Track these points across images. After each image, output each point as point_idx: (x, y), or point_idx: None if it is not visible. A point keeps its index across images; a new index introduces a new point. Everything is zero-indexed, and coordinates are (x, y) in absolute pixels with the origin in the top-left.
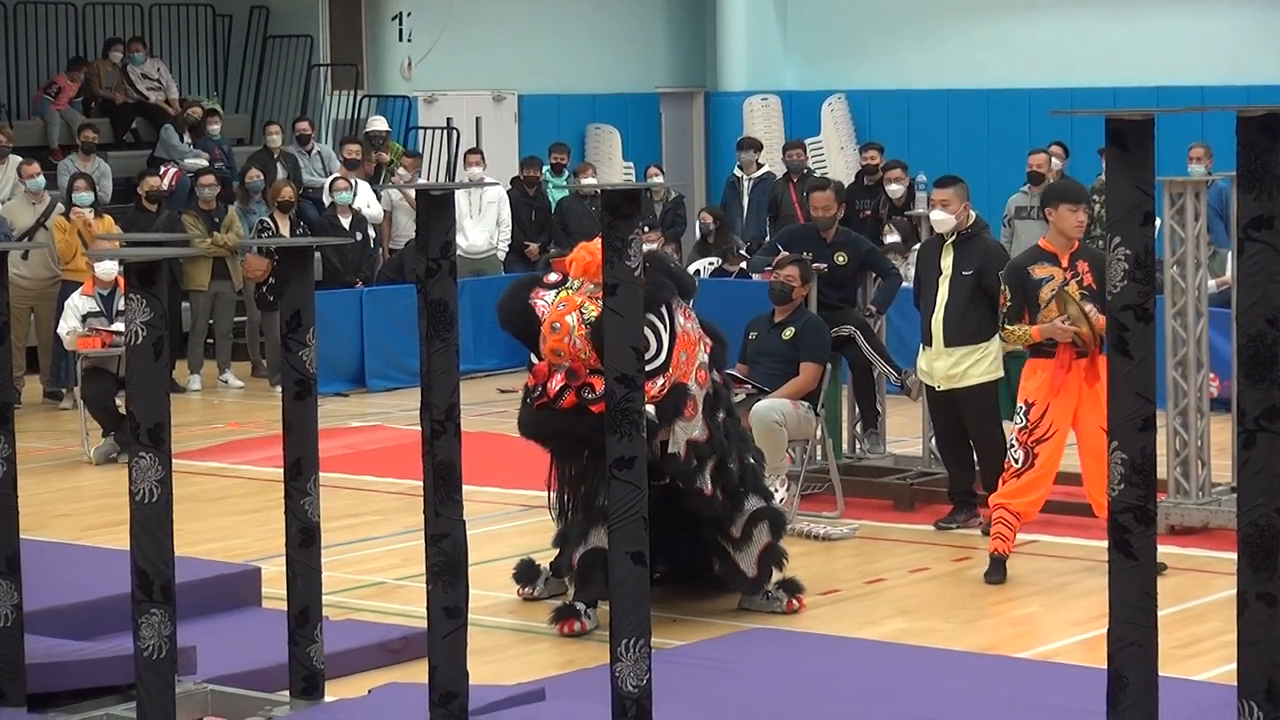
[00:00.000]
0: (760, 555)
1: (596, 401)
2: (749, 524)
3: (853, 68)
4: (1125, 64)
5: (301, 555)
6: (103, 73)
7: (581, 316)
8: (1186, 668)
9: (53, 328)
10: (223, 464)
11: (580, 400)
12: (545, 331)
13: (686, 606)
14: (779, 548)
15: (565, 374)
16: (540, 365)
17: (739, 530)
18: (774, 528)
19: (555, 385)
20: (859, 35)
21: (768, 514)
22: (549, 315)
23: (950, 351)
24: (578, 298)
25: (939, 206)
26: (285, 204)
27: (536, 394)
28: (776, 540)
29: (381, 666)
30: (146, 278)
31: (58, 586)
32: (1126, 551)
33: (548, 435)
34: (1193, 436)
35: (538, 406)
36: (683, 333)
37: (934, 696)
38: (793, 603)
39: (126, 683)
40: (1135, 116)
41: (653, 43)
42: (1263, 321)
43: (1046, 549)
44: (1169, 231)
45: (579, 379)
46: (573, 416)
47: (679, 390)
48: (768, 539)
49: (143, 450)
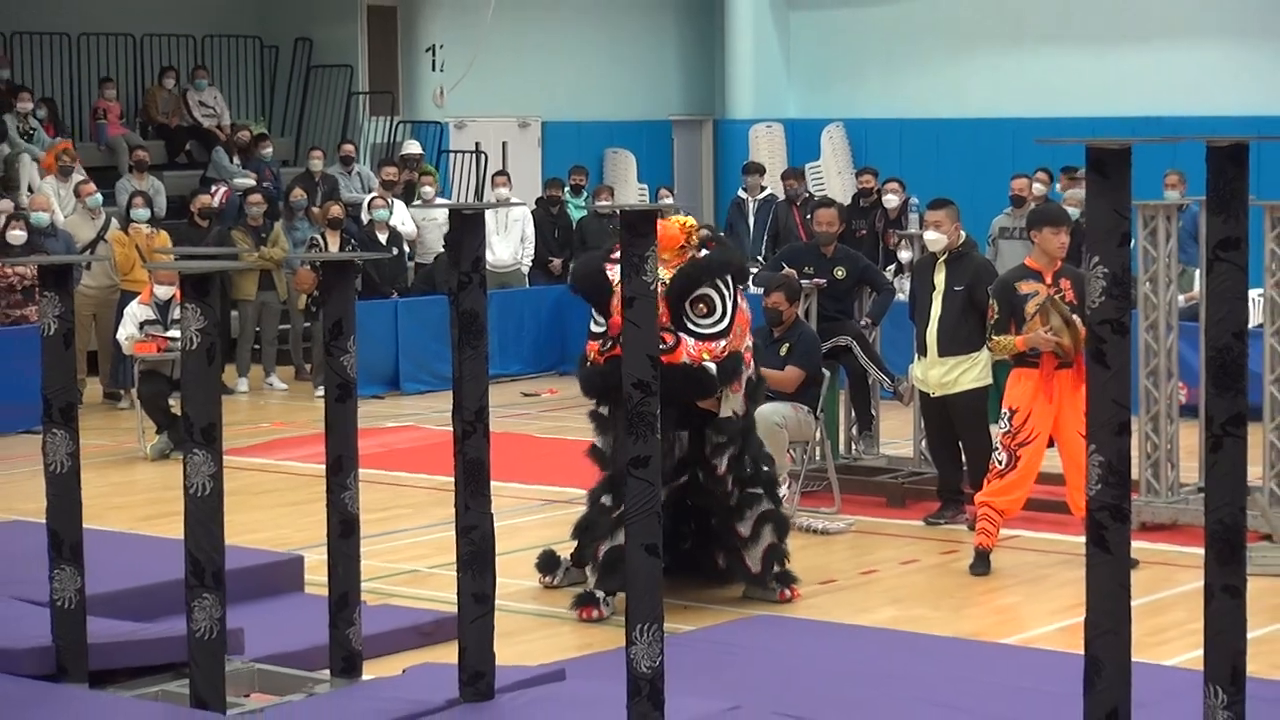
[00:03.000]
0: (764, 554)
1: (669, 352)
2: (757, 524)
3: (850, 98)
4: (1104, 96)
5: (341, 545)
6: (159, 98)
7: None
8: (1157, 654)
9: (112, 333)
10: (268, 460)
11: None
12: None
13: (695, 594)
14: (781, 548)
15: None
16: (615, 320)
17: (748, 530)
18: (778, 529)
19: None
20: (856, 68)
21: (774, 517)
22: None
23: (944, 361)
24: None
25: (932, 227)
26: (335, 221)
27: (608, 345)
28: (780, 541)
29: (415, 648)
30: (200, 289)
31: (116, 573)
32: (1103, 546)
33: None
34: (1163, 440)
35: (607, 359)
36: (741, 309)
37: (923, 679)
38: (785, 593)
39: (180, 661)
40: (1113, 146)
41: (665, 73)
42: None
43: (1028, 543)
44: (1142, 251)
45: None
46: None
47: (736, 357)
48: (772, 539)
49: (196, 447)
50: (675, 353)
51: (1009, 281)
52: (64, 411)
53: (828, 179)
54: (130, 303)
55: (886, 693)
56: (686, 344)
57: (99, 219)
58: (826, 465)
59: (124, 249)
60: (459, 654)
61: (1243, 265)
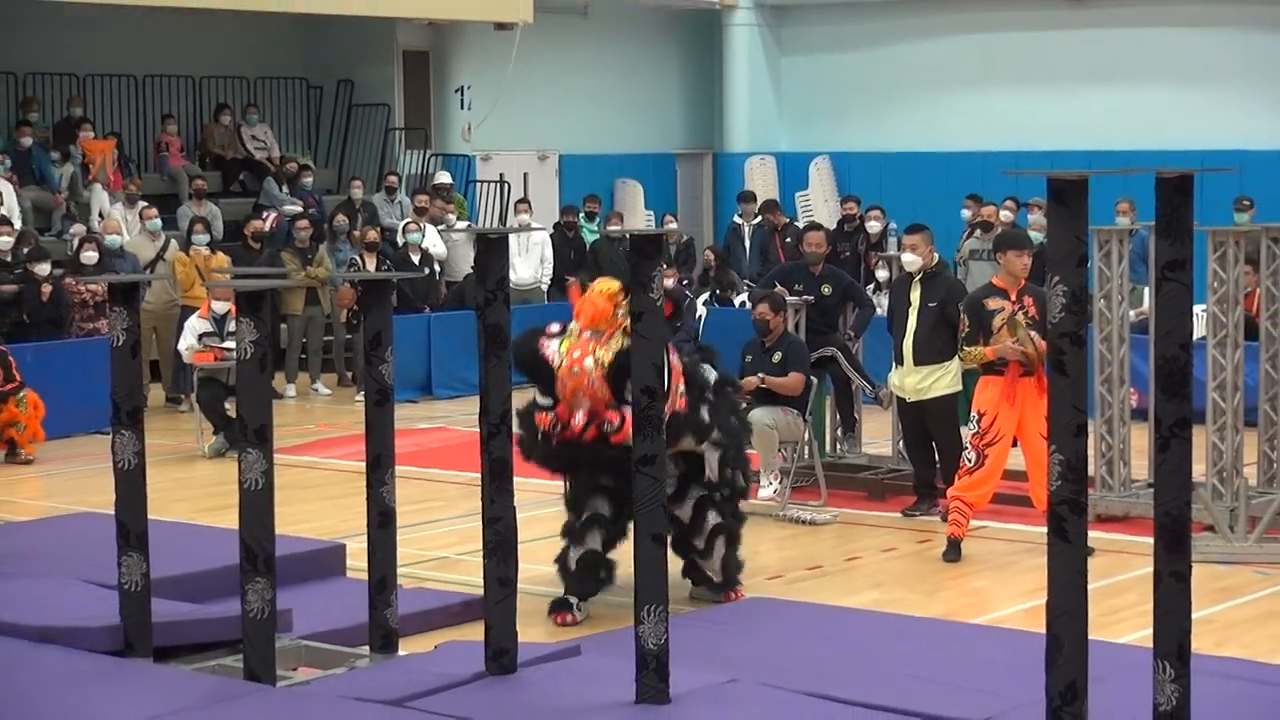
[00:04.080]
0: (723, 564)
1: (616, 432)
2: (710, 537)
3: (836, 133)
4: (1063, 132)
5: (380, 534)
6: (215, 133)
7: (596, 361)
8: (1111, 632)
9: (172, 344)
10: (314, 458)
11: (600, 433)
12: (565, 376)
13: None
14: (736, 557)
15: (586, 412)
16: (561, 409)
17: (702, 543)
18: (730, 540)
19: (579, 422)
20: (841, 107)
21: (724, 529)
22: (565, 362)
23: (918, 369)
24: (588, 345)
25: (908, 250)
26: (372, 244)
27: (559, 430)
28: (733, 550)
29: (445, 627)
30: (254, 304)
31: (177, 559)
32: (1062, 536)
33: (575, 466)
34: (1116, 441)
35: (559, 443)
36: (674, 367)
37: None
38: (730, 594)
39: (235, 638)
40: (1072, 177)
41: (669, 112)
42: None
43: (995, 533)
44: (1098, 272)
45: (599, 415)
46: (595, 447)
47: (677, 416)
48: (725, 550)
49: (250, 446)
50: (623, 431)
51: (978, 298)
52: (131, 414)
53: (815, 206)
54: (190, 317)
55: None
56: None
57: (159, 241)
58: (814, 463)
59: (185, 269)
60: (485, 632)
61: (1188, 284)
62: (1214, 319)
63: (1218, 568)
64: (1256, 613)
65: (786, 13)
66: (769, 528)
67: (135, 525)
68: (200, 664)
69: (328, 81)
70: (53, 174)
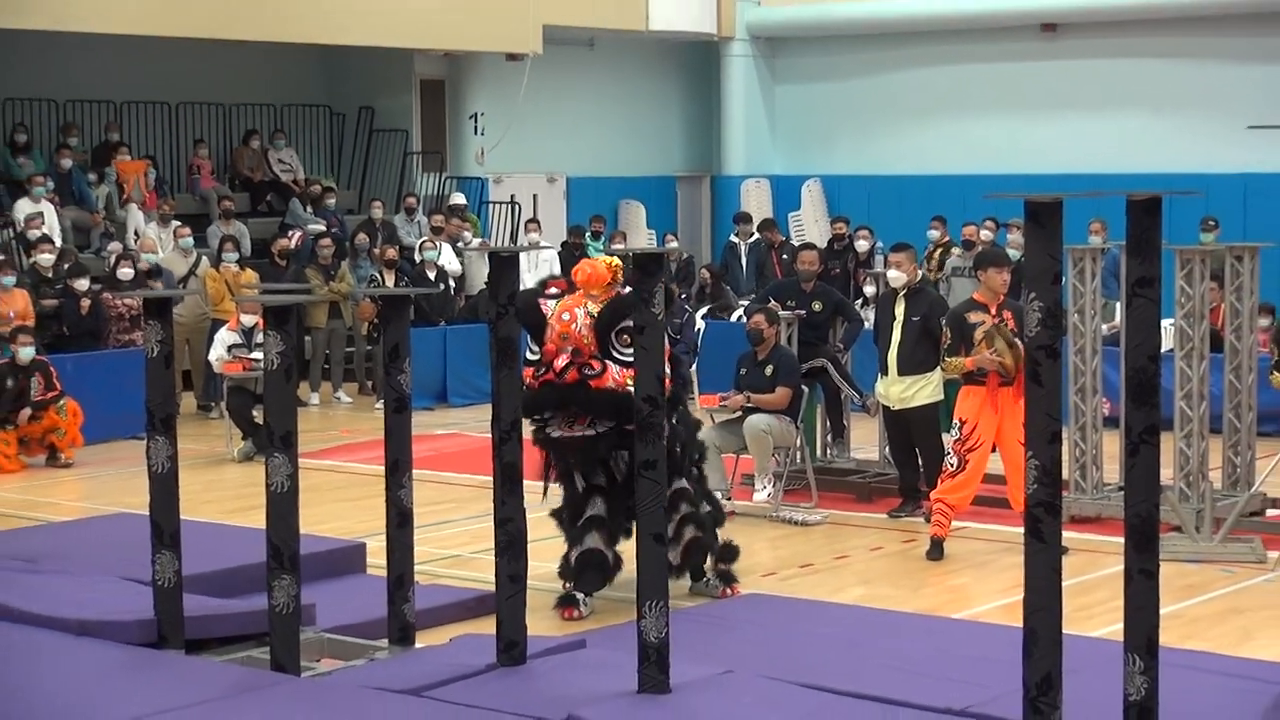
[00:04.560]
0: (685, 550)
1: (596, 377)
2: (679, 525)
3: (826, 158)
4: (1040, 157)
5: (398, 533)
6: (244, 157)
7: (586, 310)
8: (1084, 627)
9: (204, 355)
10: (336, 462)
11: (581, 375)
12: (555, 321)
13: None
14: (706, 541)
15: (570, 354)
16: (548, 347)
17: (671, 531)
18: (699, 526)
19: (561, 363)
20: (831, 133)
21: (694, 519)
22: (557, 310)
23: (903, 379)
24: (582, 300)
25: (893, 267)
26: (390, 262)
27: (542, 371)
28: (705, 535)
29: (459, 621)
30: (280, 318)
31: (208, 557)
32: (1038, 536)
33: (552, 405)
34: (1089, 446)
35: (541, 383)
36: None
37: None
38: (727, 590)
39: (261, 631)
40: (1047, 199)
41: (670, 137)
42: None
43: (975, 533)
44: (1072, 288)
45: (582, 357)
46: (573, 389)
47: None
48: (692, 535)
49: (276, 451)
50: (602, 377)
51: (959, 313)
52: (164, 421)
53: (807, 226)
54: (220, 329)
55: (857, 660)
56: (612, 370)
57: (191, 258)
58: (805, 467)
59: (216, 284)
60: (496, 626)
61: (1156, 300)
62: (1181, 332)
63: (1184, 566)
64: (1220, 609)
65: (780, 44)
66: (763, 528)
67: (168, 525)
68: (229, 655)
69: (349, 108)
70: (91, 195)
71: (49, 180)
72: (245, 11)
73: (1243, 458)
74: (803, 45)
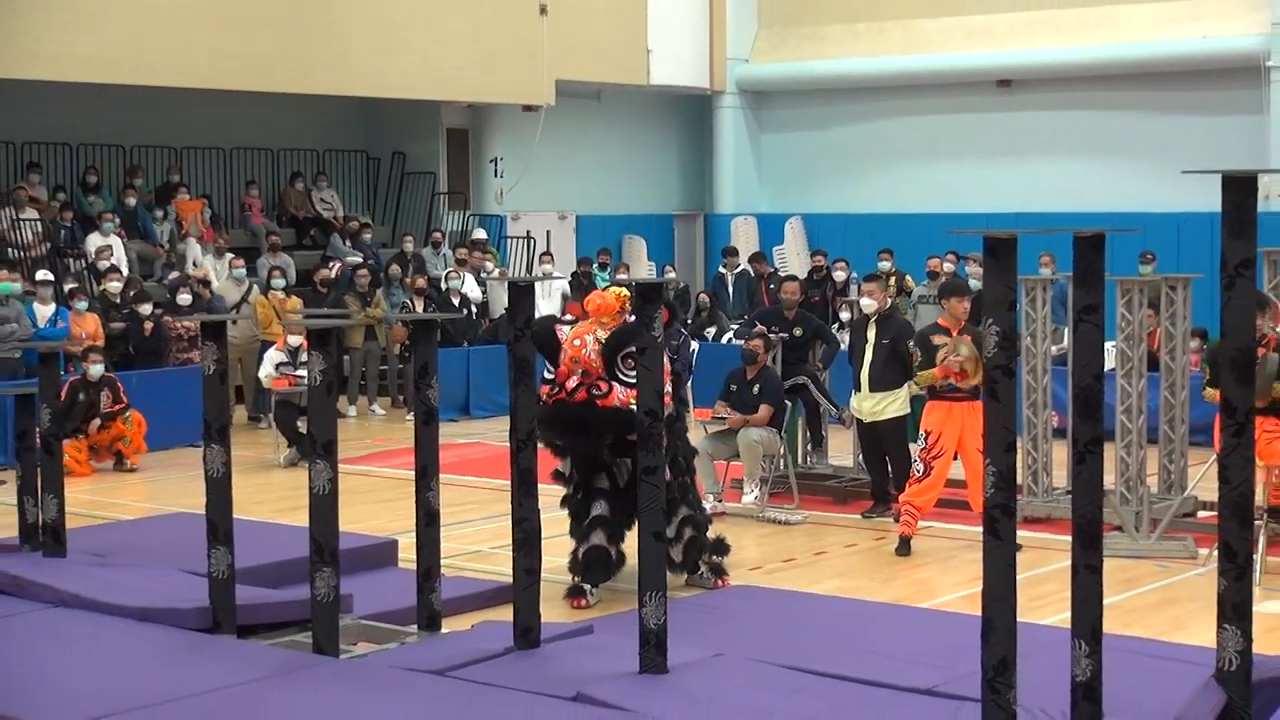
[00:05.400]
0: (685, 548)
1: (603, 397)
2: (680, 526)
3: (807, 198)
4: (996, 197)
5: (426, 531)
6: (290, 196)
7: (595, 337)
8: (1035, 615)
9: (254, 372)
10: (371, 468)
11: (590, 395)
12: (568, 345)
13: None
14: (701, 540)
15: (580, 376)
16: (561, 370)
17: (672, 531)
18: (696, 527)
19: (572, 384)
20: (811, 176)
21: (692, 521)
22: (570, 336)
23: (874, 395)
24: (591, 328)
25: (866, 295)
26: (419, 290)
27: (555, 391)
28: (700, 535)
29: (480, 609)
30: (322, 340)
31: (257, 552)
32: (995, 534)
33: (563, 421)
34: (1040, 455)
35: (553, 402)
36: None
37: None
38: (717, 582)
39: (304, 618)
40: (1004, 236)
41: (668, 180)
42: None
43: (939, 532)
44: (1025, 314)
45: (590, 379)
46: (582, 408)
47: None
48: (691, 534)
49: (318, 458)
50: (608, 398)
51: (926, 335)
52: (219, 431)
53: (789, 259)
54: (269, 349)
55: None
56: (617, 390)
57: (243, 286)
58: (788, 473)
59: (265, 310)
60: (513, 614)
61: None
62: (1121, 354)
63: (1125, 562)
64: (1156, 600)
65: (765, 98)
66: (750, 527)
67: (222, 523)
68: (275, 640)
69: (384, 154)
70: (154, 230)
71: (117, 217)
72: (292, 67)
73: (1176, 465)
74: (785, 98)
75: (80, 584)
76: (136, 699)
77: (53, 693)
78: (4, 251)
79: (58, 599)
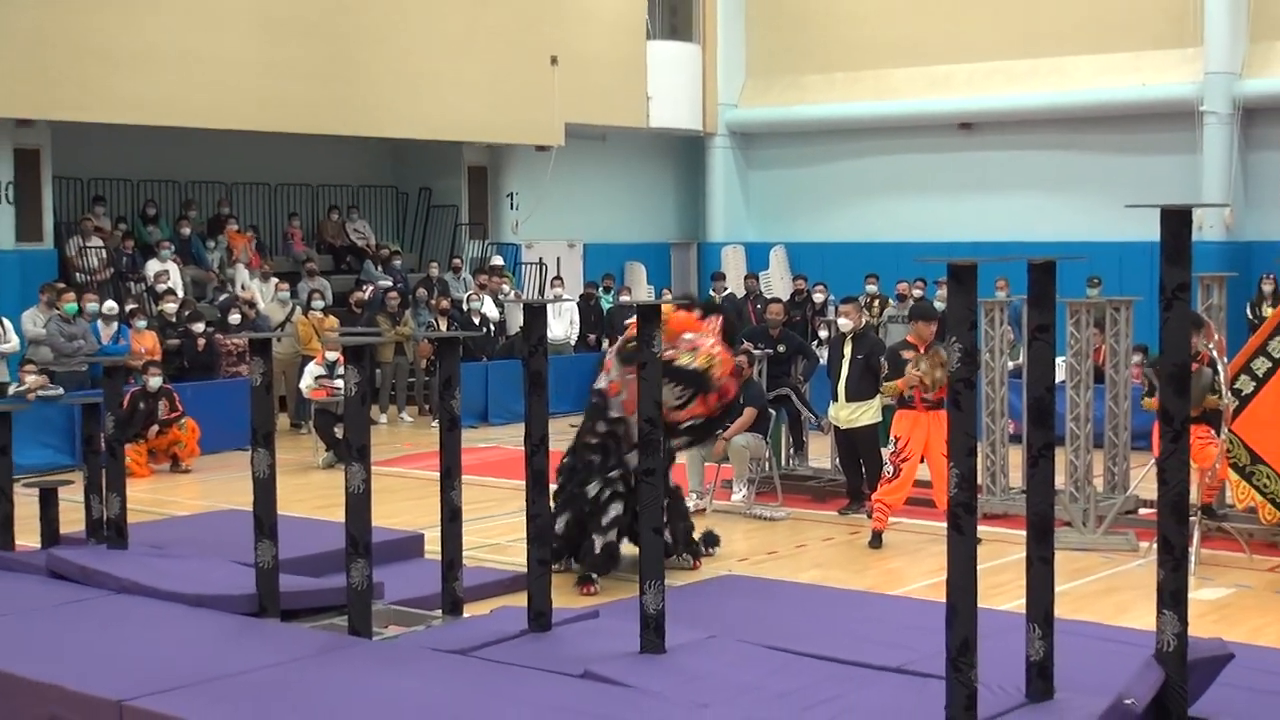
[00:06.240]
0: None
1: None
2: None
3: (790, 228)
4: (958, 227)
5: (450, 526)
6: (328, 227)
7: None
8: (994, 602)
9: (296, 384)
10: (400, 469)
11: None
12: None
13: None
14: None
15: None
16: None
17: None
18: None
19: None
20: (794, 208)
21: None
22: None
23: (849, 404)
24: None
25: (843, 316)
26: (443, 311)
27: None
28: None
29: (498, 596)
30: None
31: (299, 545)
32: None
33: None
34: (998, 459)
35: None
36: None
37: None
38: (695, 562)
39: (341, 604)
40: (966, 263)
41: (665, 211)
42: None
43: (908, 528)
44: (984, 333)
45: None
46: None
47: None
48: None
49: (353, 460)
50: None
51: (896, 350)
52: (265, 436)
53: (773, 282)
54: (309, 363)
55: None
56: None
57: (287, 307)
58: (773, 474)
59: (305, 328)
60: (528, 600)
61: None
62: (1071, 368)
63: (1074, 554)
64: (1102, 588)
65: (753, 139)
66: (739, 522)
67: (267, 519)
68: (316, 623)
69: (412, 189)
70: (206, 257)
71: (173, 245)
72: (330, 111)
73: (1120, 467)
74: (770, 140)
75: (140, 573)
76: (191, 675)
77: (117, 669)
78: (72, 276)
79: (120, 587)
